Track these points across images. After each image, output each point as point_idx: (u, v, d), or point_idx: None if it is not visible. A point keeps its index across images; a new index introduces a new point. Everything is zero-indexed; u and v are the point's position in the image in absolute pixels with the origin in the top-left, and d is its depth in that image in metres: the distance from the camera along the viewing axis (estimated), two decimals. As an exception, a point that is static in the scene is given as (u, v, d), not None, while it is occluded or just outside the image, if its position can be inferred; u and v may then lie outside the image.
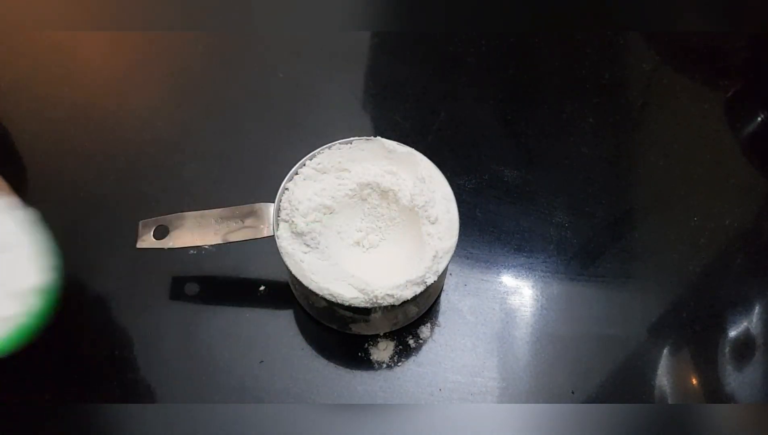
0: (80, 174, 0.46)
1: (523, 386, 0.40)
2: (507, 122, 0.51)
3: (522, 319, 0.42)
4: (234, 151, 0.47)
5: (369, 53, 0.54)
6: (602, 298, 0.43)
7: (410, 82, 0.52)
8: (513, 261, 0.44)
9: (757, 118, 0.53)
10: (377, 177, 0.39)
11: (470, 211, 0.46)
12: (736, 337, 0.43)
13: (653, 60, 0.55)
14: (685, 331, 0.42)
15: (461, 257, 0.44)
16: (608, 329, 0.42)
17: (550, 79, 0.54)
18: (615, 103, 0.52)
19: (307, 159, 0.39)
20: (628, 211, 0.48)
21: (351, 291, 0.35)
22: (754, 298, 0.44)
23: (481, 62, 0.54)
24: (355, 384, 0.39)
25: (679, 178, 0.49)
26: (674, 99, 0.53)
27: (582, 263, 0.45)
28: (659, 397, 0.40)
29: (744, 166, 0.50)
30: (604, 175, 0.49)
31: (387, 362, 0.40)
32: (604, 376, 0.41)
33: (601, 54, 0.55)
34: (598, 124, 0.51)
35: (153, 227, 0.38)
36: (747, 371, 0.41)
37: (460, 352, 0.41)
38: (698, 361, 0.42)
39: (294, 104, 0.48)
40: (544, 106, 0.52)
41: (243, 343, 0.40)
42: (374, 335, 0.40)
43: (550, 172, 0.49)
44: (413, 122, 0.50)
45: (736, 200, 0.48)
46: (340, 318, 0.38)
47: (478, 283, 0.43)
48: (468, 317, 0.42)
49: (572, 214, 0.47)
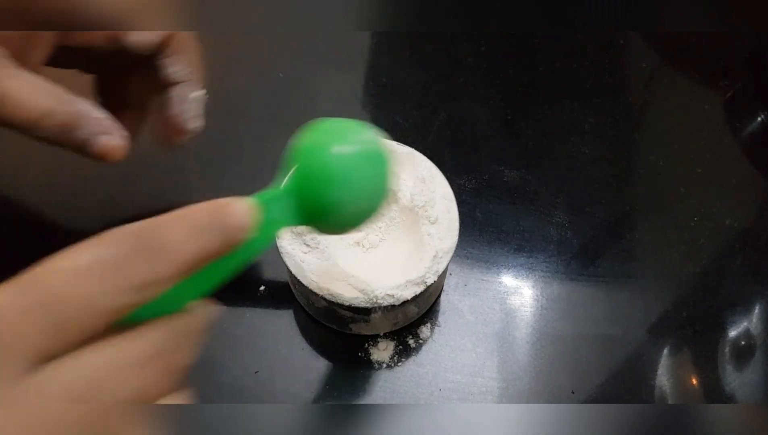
0: (80, 174, 0.45)
1: (523, 386, 0.40)
2: (507, 122, 0.51)
3: (522, 319, 0.42)
4: (234, 151, 0.47)
5: (369, 53, 0.54)
6: (602, 298, 0.43)
7: (410, 82, 0.52)
8: (513, 261, 0.44)
9: (757, 118, 0.53)
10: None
11: (470, 211, 0.46)
12: (736, 337, 0.43)
13: (653, 60, 0.55)
14: (685, 331, 0.42)
15: (461, 257, 0.44)
16: (608, 329, 0.42)
17: (550, 79, 0.54)
18: (615, 103, 0.52)
19: (307, 159, 0.39)
20: (628, 211, 0.48)
21: (351, 291, 0.35)
22: (754, 298, 0.44)
23: (481, 62, 0.54)
24: (355, 384, 0.39)
25: (679, 178, 0.49)
26: (674, 99, 0.53)
27: (582, 263, 0.45)
28: (659, 397, 0.40)
29: (744, 166, 0.50)
30: (604, 175, 0.49)
31: (387, 362, 0.40)
32: (604, 376, 0.41)
33: (601, 54, 0.55)
34: (598, 124, 0.51)
35: (153, 227, 0.38)
36: (747, 371, 0.41)
37: (460, 352, 0.41)
38: (698, 361, 0.42)
39: (294, 104, 0.48)
40: (544, 106, 0.52)
41: (243, 343, 0.40)
42: (374, 335, 0.40)
43: (550, 172, 0.49)
44: (413, 122, 0.50)
45: (736, 200, 0.48)
46: (340, 318, 0.38)
47: (478, 283, 0.43)
48: (468, 317, 0.42)
49: (572, 214, 0.47)
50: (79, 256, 0.19)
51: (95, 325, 0.19)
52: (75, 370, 0.18)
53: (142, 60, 0.34)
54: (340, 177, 0.26)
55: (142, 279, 0.19)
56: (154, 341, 0.20)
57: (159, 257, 0.19)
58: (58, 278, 0.19)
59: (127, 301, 0.19)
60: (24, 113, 0.29)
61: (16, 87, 0.29)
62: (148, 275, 0.19)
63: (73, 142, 0.30)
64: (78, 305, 0.18)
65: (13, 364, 0.18)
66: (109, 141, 0.31)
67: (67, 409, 0.18)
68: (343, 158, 0.26)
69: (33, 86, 0.29)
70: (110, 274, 0.19)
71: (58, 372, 0.18)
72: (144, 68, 0.34)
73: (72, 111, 0.30)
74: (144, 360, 0.19)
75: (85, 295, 0.18)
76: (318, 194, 0.26)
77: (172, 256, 0.20)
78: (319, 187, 0.26)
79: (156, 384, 0.20)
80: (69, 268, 0.19)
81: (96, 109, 0.31)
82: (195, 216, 0.21)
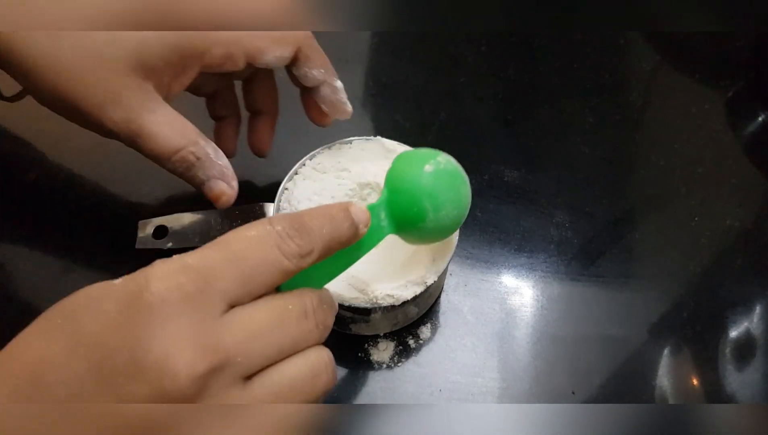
0: (80, 174, 0.45)
1: (523, 386, 0.40)
2: (507, 122, 0.51)
3: (522, 319, 0.42)
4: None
5: (369, 53, 0.54)
6: (602, 298, 0.43)
7: (410, 82, 0.52)
8: (513, 261, 0.44)
9: (758, 118, 0.53)
10: (377, 177, 0.39)
11: (470, 211, 0.46)
12: (737, 337, 0.42)
13: (653, 60, 0.55)
14: (685, 331, 0.42)
15: (461, 257, 0.44)
16: (608, 329, 0.42)
17: (550, 79, 0.54)
18: (615, 103, 0.52)
19: (307, 159, 0.39)
20: (628, 211, 0.48)
21: (351, 291, 0.35)
22: (754, 298, 0.44)
23: (481, 62, 0.54)
24: (355, 384, 0.39)
25: (679, 178, 0.49)
26: (674, 99, 0.53)
27: (582, 263, 0.45)
28: (659, 397, 0.40)
29: (744, 166, 0.50)
30: (604, 175, 0.49)
31: (387, 362, 0.40)
32: (604, 376, 0.40)
33: (601, 54, 0.55)
34: (598, 124, 0.51)
35: (153, 227, 0.38)
36: (747, 371, 0.41)
37: (460, 352, 0.41)
38: (698, 361, 0.42)
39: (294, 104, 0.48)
40: (544, 106, 0.52)
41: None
42: (374, 335, 0.40)
43: (550, 172, 0.49)
44: (413, 122, 0.50)
45: (736, 200, 0.48)
46: (340, 318, 0.38)
47: (478, 283, 0.43)
48: (468, 317, 0.42)
49: (572, 214, 0.47)
50: (255, 229, 0.25)
51: (271, 281, 0.25)
52: (255, 314, 0.24)
53: (265, 72, 0.39)
54: (422, 191, 0.32)
55: (301, 248, 0.25)
56: (309, 299, 0.26)
57: (309, 234, 0.26)
58: (245, 242, 0.24)
59: (293, 265, 0.25)
60: (157, 149, 0.33)
61: (154, 123, 0.33)
62: (305, 246, 0.25)
63: (193, 180, 0.35)
64: (261, 263, 0.24)
65: (215, 303, 0.23)
66: (225, 189, 0.35)
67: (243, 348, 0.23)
68: (425, 176, 0.32)
69: (169, 123, 0.33)
70: (281, 242, 0.25)
71: (242, 315, 0.24)
72: (266, 79, 0.39)
73: (198, 154, 0.34)
74: (305, 312, 0.25)
75: (266, 256, 0.24)
76: (406, 206, 0.32)
77: (316, 233, 0.26)
78: (406, 199, 0.32)
79: (311, 333, 0.25)
80: (252, 236, 0.25)
81: (219, 155, 0.35)
82: (329, 209, 0.27)
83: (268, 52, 0.35)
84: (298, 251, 0.25)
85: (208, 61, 0.34)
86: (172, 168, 0.34)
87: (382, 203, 0.32)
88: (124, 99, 0.32)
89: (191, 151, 0.33)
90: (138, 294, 0.22)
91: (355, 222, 0.28)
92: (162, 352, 0.22)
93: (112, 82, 0.32)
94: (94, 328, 0.22)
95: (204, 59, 0.34)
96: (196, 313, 0.23)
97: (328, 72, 0.37)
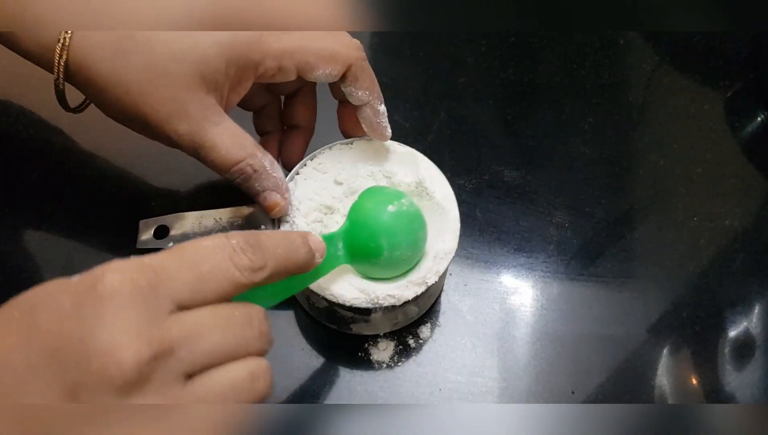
0: (80, 174, 0.45)
1: (523, 386, 0.40)
2: (507, 122, 0.51)
3: (522, 319, 0.42)
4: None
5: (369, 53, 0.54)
6: (602, 298, 0.43)
7: (410, 82, 0.52)
8: (513, 261, 0.44)
9: (757, 118, 0.53)
10: (377, 177, 0.39)
11: (470, 211, 0.46)
12: (736, 337, 0.43)
13: (653, 60, 0.55)
14: (685, 331, 0.42)
15: (461, 257, 0.44)
16: (608, 329, 0.42)
17: (550, 79, 0.54)
18: (615, 103, 0.52)
19: (308, 159, 0.39)
20: (628, 211, 0.48)
21: (352, 291, 0.35)
22: (754, 298, 0.44)
23: (481, 62, 0.54)
24: (355, 384, 0.39)
25: (679, 178, 0.49)
26: (674, 99, 0.53)
27: (582, 263, 0.45)
28: (659, 397, 0.40)
29: (744, 166, 0.50)
30: (604, 175, 0.49)
31: (387, 362, 0.40)
32: (604, 376, 0.41)
33: (601, 54, 0.55)
34: (598, 124, 0.51)
35: (153, 227, 0.38)
36: (747, 371, 0.41)
37: (460, 352, 0.41)
38: (698, 361, 0.42)
39: (294, 104, 0.48)
40: (544, 106, 0.52)
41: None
42: (374, 335, 0.40)
43: (550, 172, 0.49)
44: (413, 122, 0.50)
45: (736, 200, 0.48)
46: (341, 318, 0.38)
47: (478, 283, 0.43)
48: (468, 317, 0.42)
49: (572, 214, 0.47)
50: (212, 240, 0.26)
51: (222, 291, 0.25)
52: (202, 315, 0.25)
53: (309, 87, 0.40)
54: (382, 229, 0.34)
55: (253, 262, 0.26)
56: (256, 311, 0.27)
57: (263, 251, 0.27)
58: (201, 251, 0.26)
59: (244, 278, 0.26)
60: (218, 160, 0.34)
61: (217, 135, 0.34)
62: (257, 261, 0.26)
63: (250, 190, 0.36)
64: (212, 271, 0.25)
65: (165, 301, 0.24)
66: (279, 201, 0.36)
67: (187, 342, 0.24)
68: (387, 215, 0.35)
69: (231, 136, 0.35)
70: (234, 254, 0.26)
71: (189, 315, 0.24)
72: (308, 94, 0.41)
73: (256, 166, 0.35)
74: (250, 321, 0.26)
75: (218, 265, 0.25)
76: (364, 240, 0.35)
77: (271, 251, 0.27)
78: (365, 234, 0.35)
79: (254, 340, 0.26)
80: (207, 246, 0.26)
81: (275, 167, 0.36)
82: (289, 234, 0.30)
83: (320, 68, 0.36)
84: (250, 265, 0.26)
85: (261, 72, 0.35)
86: (231, 178, 0.35)
87: (341, 233, 0.35)
88: (190, 113, 0.33)
89: (249, 164, 0.35)
90: (92, 287, 0.23)
91: (312, 250, 0.30)
92: (110, 341, 0.22)
93: (178, 97, 0.33)
94: (50, 320, 0.23)
95: (258, 70, 0.35)
96: (145, 307, 0.23)
97: (373, 94, 0.38)
